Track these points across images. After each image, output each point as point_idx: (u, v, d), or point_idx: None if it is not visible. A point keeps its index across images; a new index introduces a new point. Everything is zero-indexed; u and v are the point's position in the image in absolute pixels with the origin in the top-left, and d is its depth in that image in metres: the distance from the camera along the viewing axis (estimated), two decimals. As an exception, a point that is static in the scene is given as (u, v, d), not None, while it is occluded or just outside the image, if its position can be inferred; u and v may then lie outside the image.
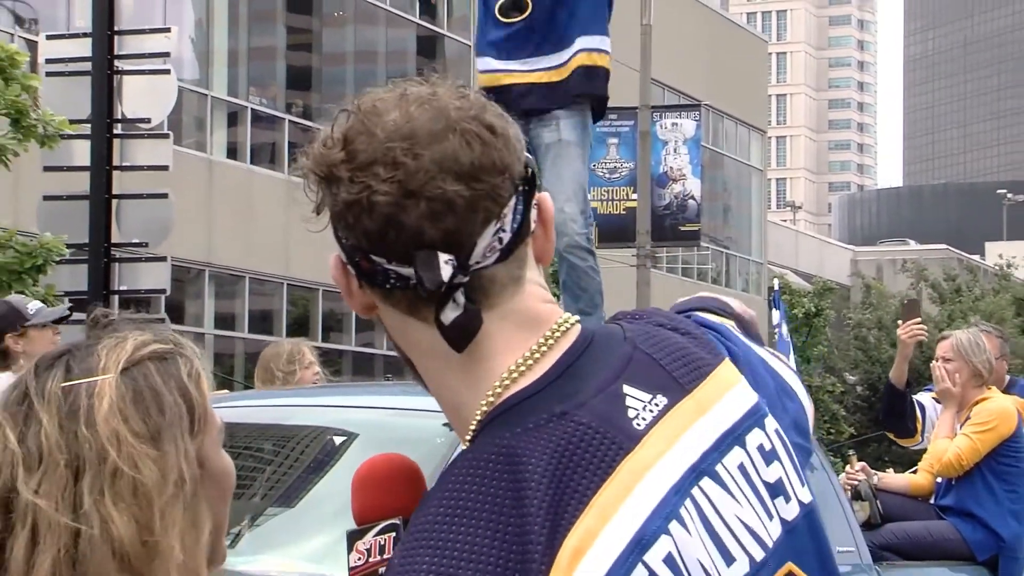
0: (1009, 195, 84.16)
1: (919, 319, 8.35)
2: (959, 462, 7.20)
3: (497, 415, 1.56)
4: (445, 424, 2.27)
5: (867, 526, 7.17)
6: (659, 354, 1.63)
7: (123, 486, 1.61)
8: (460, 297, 1.55)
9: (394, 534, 1.75)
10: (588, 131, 6.13)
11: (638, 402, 1.58)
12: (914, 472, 7.96)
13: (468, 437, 1.60)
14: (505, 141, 1.57)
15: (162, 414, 1.65)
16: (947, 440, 7.35)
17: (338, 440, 5.89)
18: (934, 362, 7.72)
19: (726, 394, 1.64)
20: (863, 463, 8.86)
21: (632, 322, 1.72)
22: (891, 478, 8.32)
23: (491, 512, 1.48)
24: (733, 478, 1.59)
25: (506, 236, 1.57)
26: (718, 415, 1.61)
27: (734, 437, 1.61)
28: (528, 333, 1.60)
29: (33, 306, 7.86)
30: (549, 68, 6.18)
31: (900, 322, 8.25)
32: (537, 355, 1.58)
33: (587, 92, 6.10)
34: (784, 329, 17.68)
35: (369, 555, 1.78)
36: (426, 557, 1.47)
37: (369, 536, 1.78)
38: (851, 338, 40.85)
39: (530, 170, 1.61)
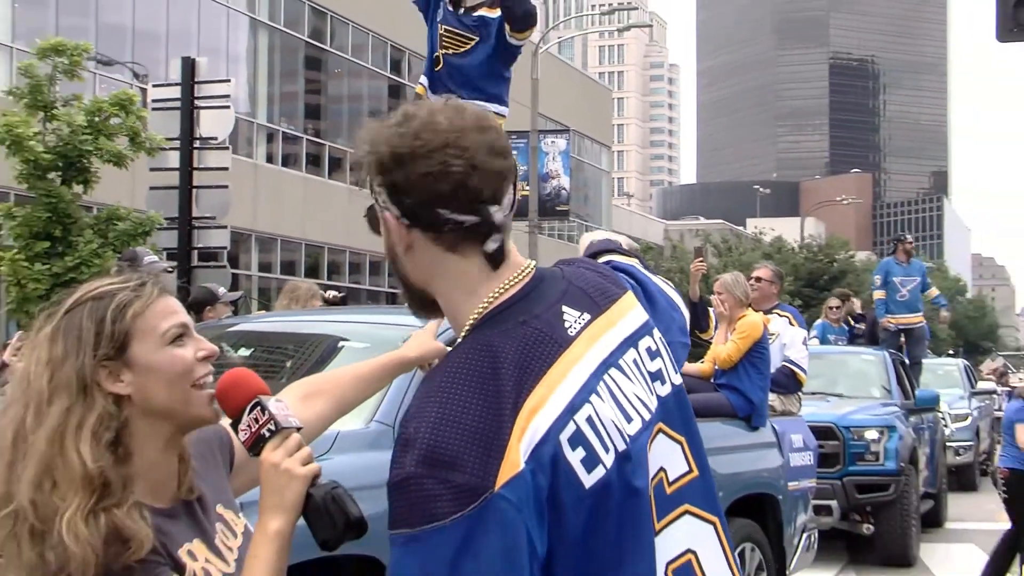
0: (760, 188, 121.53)
1: (703, 260, 10.28)
2: (729, 359, 8.65)
3: (483, 321, 1.94)
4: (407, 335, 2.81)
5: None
6: (585, 286, 2.05)
7: (24, 395, 2.02)
8: (497, 235, 1.97)
9: (259, 408, 2.09)
10: None
11: (571, 317, 1.98)
12: (701, 363, 9.23)
13: (462, 334, 1.96)
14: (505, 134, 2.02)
15: (77, 339, 2.02)
16: (722, 345, 8.85)
17: (334, 342, 6.53)
18: (713, 296, 9.26)
19: (627, 314, 2.07)
20: (661, 349, 11.51)
21: (567, 266, 2.14)
22: (688, 366, 9.03)
23: (478, 381, 1.84)
24: (630, 368, 1.99)
25: (516, 196, 2.01)
26: (621, 327, 2.03)
27: (631, 342, 2.03)
28: (507, 270, 2.00)
29: (223, 290, 9.20)
30: None
31: (692, 262, 9.86)
32: (510, 285, 1.98)
33: None
34: None
35: (250, 427, 2.08)
36: (434, 407, 1.82)
37: (244, 418, 2.09)
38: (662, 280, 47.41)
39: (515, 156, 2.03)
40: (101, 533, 1.91)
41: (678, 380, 2.11)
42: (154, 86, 16.31)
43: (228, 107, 13.90)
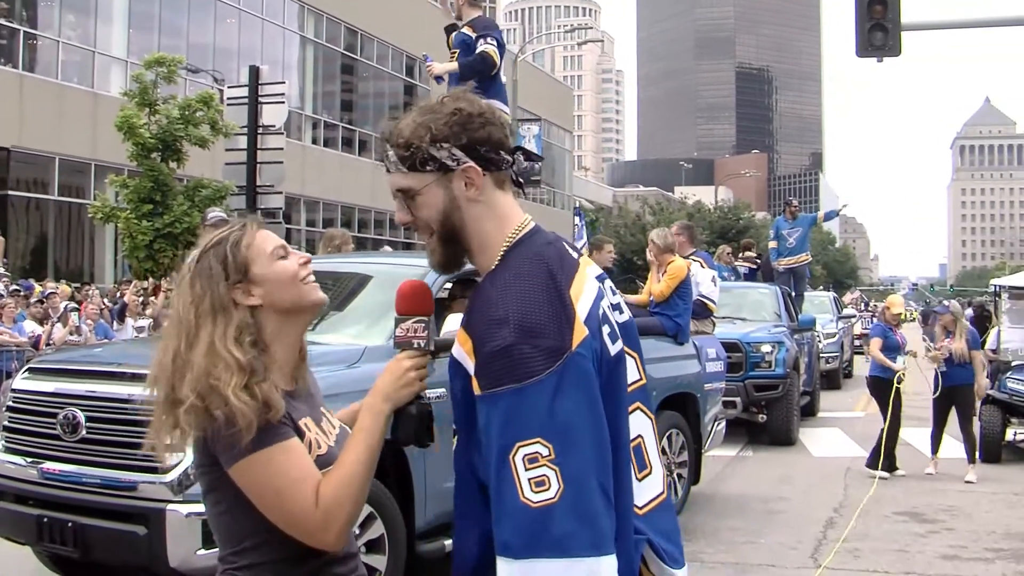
0: (684, 164, 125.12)
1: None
2: (662, 294, 8.76)
3: (520, 241, 1.96)
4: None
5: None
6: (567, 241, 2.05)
7: (177, 318, 2.08)
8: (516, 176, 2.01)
9: (423, 324, 2.03)
10: None
11: (571, 249, 2.01)
12: (638, 295, 9.36)
13: (499, 256, 1.95)
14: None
15: (209, 278, 2.06)
16: (655, 283, 8.98)
17: (364, 279, 6.41)
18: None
19: (592, 263, 2.05)
20: (618, 291, 12.18)
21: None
22: (630, 297, 9.30)
23: (541, 276, 1.89)
24: (607, 292, 2.01)
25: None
26: (595, 267, 2.04)
27: (601, 278, 2.03)
28: (521, 213, 2.03)
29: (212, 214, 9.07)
30: None
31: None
32: (527, 222, 2.00)
33: None
34: (581, 224, 20.65)
35: (407, 332, 2.04)
36: (515, 296, 1.85)
37: (408, 322, 2.04)
38: (612, 232, 47.51)
39: None
40: (257, 399, 1.97)
41: (630, 314, 2.13)
42: (229, 87, 16.13)
43: (283, 102, 13.82)
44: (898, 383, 10.36)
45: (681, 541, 2.09)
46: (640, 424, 2.05)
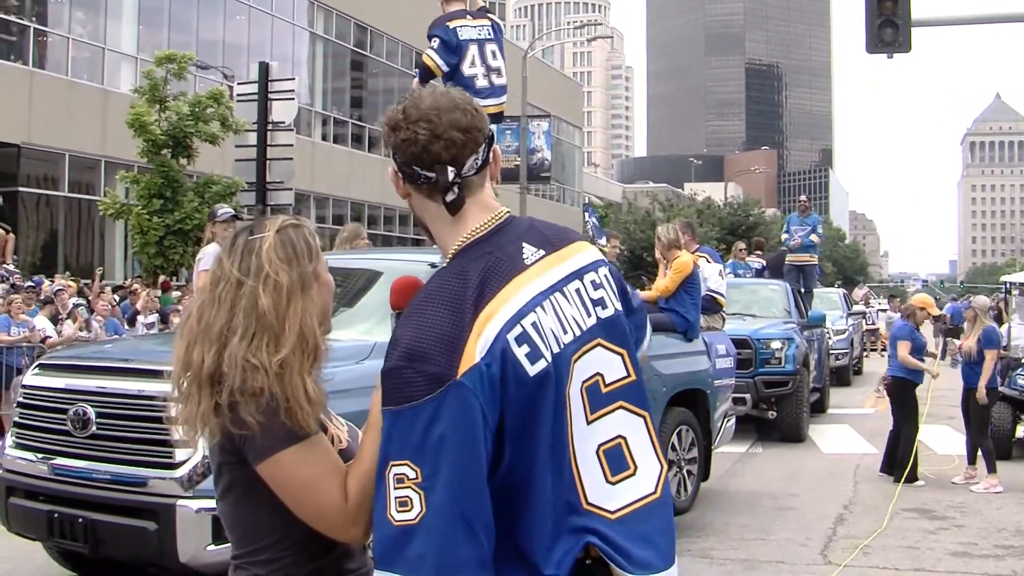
0: (694, 160, 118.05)
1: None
2: (666, 289, 8.73)
3: (460, 251, 1.95)
4: (431, 264, 2.83)
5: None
6: (546, 230, 2.04)
7: (270, 284, 1.98)
8: (455, 189, 1.96)
9: None
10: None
11: (529, 251, 1.97)
12: (648, 291, 9.23)
13: (447, 261, 1.97)
14: (481, 116, 1.99)
15: (294, 250, 2.03)
16: (663, 278, 8.93)
17: (374, 275, 6.43)
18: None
19: (578, 254, 2.05)
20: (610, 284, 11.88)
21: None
22: (640, 294, 8.49)
23: (448, 298, 1.87)
24: (571, 295, 1.98)
25: (479, 161, 1.99)
26: (571, 263, 2.02)
27: (577, 275, 2.01)
28: (484, 213, 2.00)
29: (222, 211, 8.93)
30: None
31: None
32: (483, 225, 1.98)
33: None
34: (594, 221, 20.70)
35: None
36: (415, 317, 1.86)
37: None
38: (621, 228, 47.21)
39: (492, 132, 2.02)
40: (323, 393, 2.02)
41: (620, 307, 2.08)
42: (238, 84, 16.21)
43: (293, 99, 13.84)
44: (933, 377, 10.11)
45: (670, 542, 2.05)
46: (622, 424, 2.01)
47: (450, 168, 1.94)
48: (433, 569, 1.76)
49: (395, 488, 1.78)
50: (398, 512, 1.78)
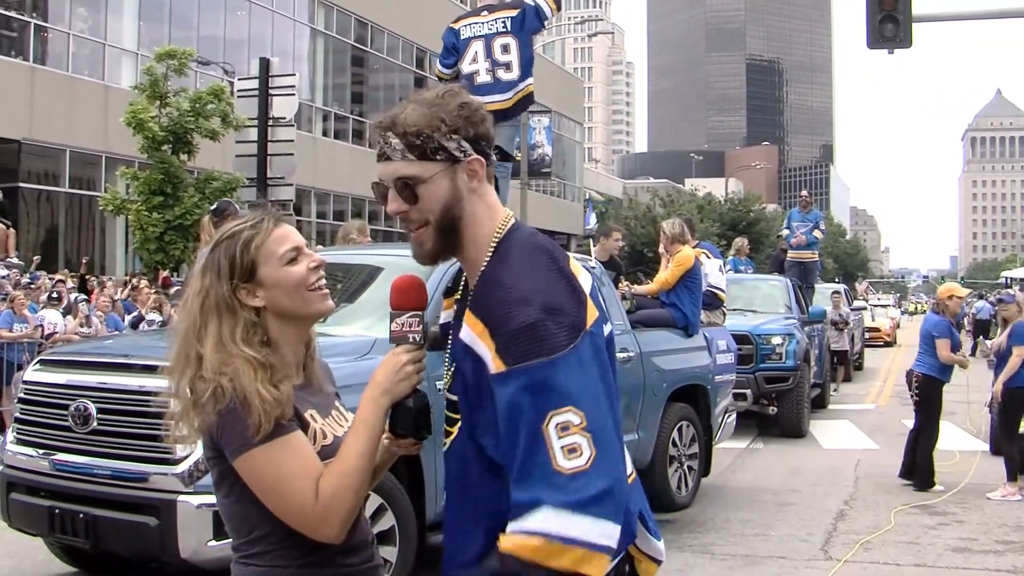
0: (694, 156, 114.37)
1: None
2: (666, 282, 8.75)
3: (511, 231, 2.03)
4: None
5: (629, 312, 8.37)
6: None
7: (185, 308, 2.11)
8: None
9: (418, 319, 2.06)
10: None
11: None
12: (649, 285, 9.41)
13: (491, 246, 2.01)
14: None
15: (217, 271, 2.08)
16: (664, 271, 8.94)
17: (375, 271, 6.42)
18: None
19: None
20: (627, 282, 11.55)
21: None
22: (640, 288, 9.72)
23: (547, 261, 2.01)
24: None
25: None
26: None
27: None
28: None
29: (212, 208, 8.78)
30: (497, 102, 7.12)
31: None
32: (511, 215, 2.07)
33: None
34: (592, 218, 20.91)
35: (402, 327, 2.06)
36: (529, 279, 1.92)
37: (403, 317, 2.06)
38: (622, 224, 46.95)
39: None
40: (281, 395, 2.00)
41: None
42: (239, 79, 16.23)
43: (293, 95, 13.84)
44: (963, 368, 9.61)
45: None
46: None
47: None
48: (615, 503, 1.81)
49: (559, 438, 1.80)
50: (567, 460, 1.79)
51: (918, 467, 9.38)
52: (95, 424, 5.08)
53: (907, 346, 27.66)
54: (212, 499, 3.92)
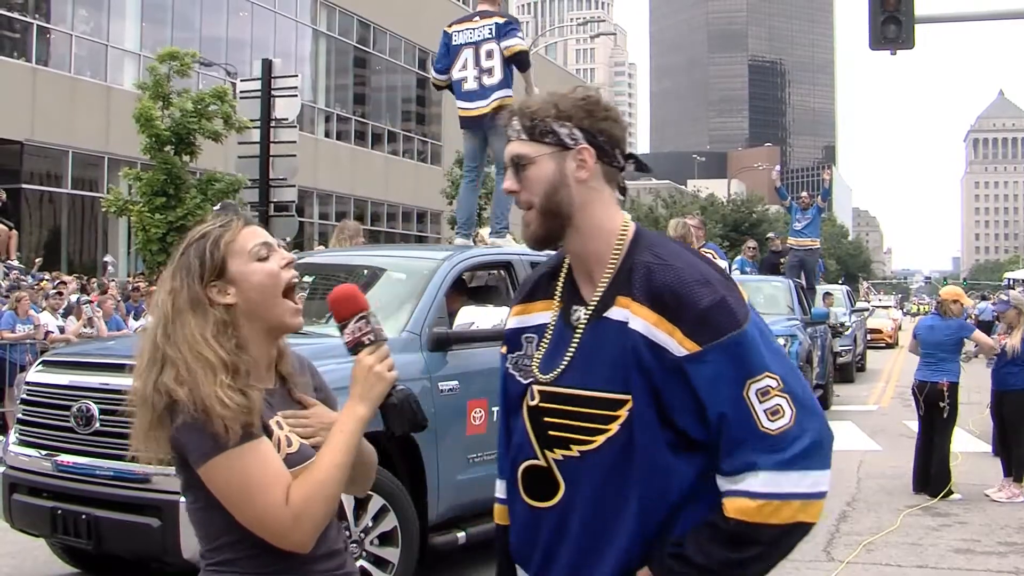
0: (697, 157, 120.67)
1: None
2: None
3: (639, 231, 2.10)
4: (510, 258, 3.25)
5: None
6: None
7: (156, 309, 2.07)
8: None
9: (364, 320, 2.05)
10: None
11: None
12: None
13: (623, 234, 2.08)
14: None
15: (187, 269, 2.05)
16: None
17: (374, 271, 6.38)
18: None
19: None
20: None
21: None
22: None
23: (697, 256, 2.10)
24: None
25: None
26: None
27: None
28: None
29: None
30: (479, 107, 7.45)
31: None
32: (631, 220, 2.13)
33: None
34: None
35: (354, 334, 2.04)
36: (698, 268, 2.02)
37: (351, 324, 2.04)
38: None
39: None
40: (246, 400, 1.95)
41: None
42: (241, 81, 16.23)
43: (296, 96, 13.86)
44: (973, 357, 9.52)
45: None
46: None
47: (629, 160, 2.11)
48: (823, 453, 1.95)
49: (761, 402, 1.92)
50: (772, 421, 1.92)
51: (935, 475, 9.09)
52: (97, 425, 5.08)
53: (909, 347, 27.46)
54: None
